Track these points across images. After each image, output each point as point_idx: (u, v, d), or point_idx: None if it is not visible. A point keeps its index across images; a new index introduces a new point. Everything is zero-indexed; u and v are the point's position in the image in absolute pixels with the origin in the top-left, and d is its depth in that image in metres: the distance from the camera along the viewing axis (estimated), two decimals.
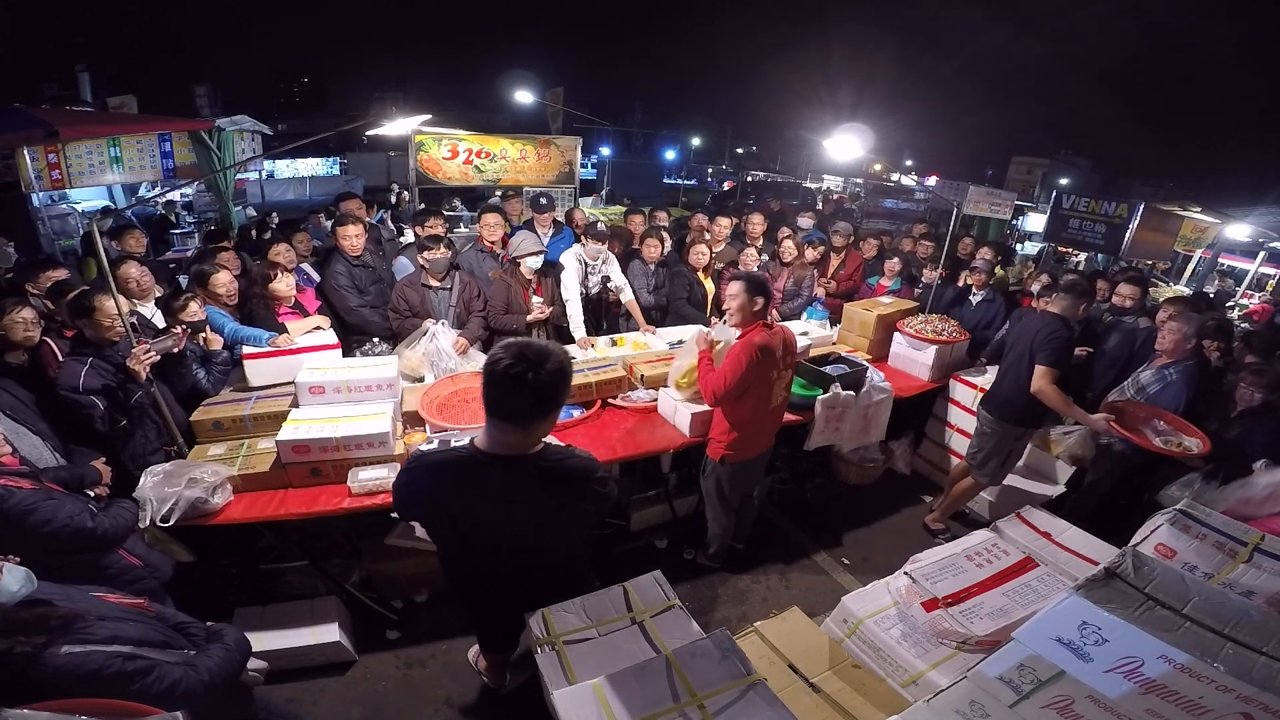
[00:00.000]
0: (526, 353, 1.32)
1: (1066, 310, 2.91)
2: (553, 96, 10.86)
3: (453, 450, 1.54)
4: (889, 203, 11.57)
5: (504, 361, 1.31)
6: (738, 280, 2.53)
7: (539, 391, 1.33)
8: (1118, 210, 6.63)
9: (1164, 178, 33.92)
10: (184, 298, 2.83)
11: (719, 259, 4.49)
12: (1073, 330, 2.95)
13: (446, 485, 1.49)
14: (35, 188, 4.87)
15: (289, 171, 17.22)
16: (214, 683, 1.33)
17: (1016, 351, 3.00)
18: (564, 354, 1.41)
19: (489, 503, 1.49)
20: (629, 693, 1.54)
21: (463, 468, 1.47)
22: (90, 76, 16.69)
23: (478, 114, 32.10)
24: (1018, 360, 2.96)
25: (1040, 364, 2.83)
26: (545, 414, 1.41)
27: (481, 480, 1.46)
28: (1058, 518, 2.45)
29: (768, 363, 2.49)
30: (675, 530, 3.32)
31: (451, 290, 3.52)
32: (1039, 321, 2.95)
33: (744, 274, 2.61)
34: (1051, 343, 2.82)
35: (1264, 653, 1.21)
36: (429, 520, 1.66)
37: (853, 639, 2.01)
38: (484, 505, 1.50)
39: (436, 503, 1.54)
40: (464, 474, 1.47)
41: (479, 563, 1.71)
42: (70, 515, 1.73)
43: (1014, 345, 3.05)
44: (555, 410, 1.44)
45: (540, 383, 1.32)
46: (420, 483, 1.51)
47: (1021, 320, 3.31)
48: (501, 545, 1.62)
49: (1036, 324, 2.95)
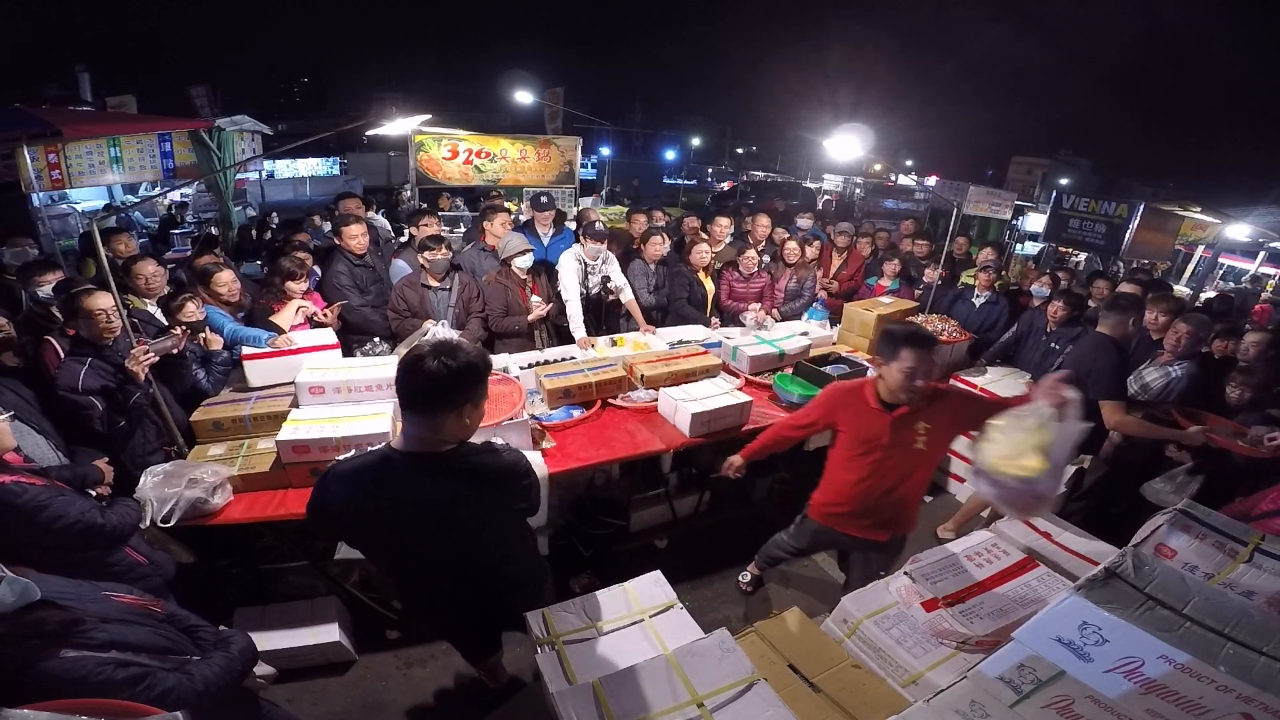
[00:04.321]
0: (441, 347, 1.38)
1: (1115, 329, 2.77)
2: (552, 96, 10.87)
3: (365, 454, 1.52)
4: (889, 203, 11.58)
5: (415, 353, 1.38)
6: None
7: (434, 379, 1.34)
8: (1118, 210, 6.65)
9: (1164, 178, 33.97)
10: (182, 298, 2.83)
11: (719, 259, 4.49)
12: (1125, 349, 2.80)
13: (363, 487, 1.46)
14: (35, 188, 4.86)
15: (289, 171, 17.21)
16: (209, 692, 1.32)
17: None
18: (481, 357, 1.43)
19: (410, 500, 1.47)
20: (629, 693, 1.54)
21: (377, 469, 1.46)
22: (90, 76, 16.69)
23: (478, 114, 32.16)
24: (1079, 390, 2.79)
25: (1103, 400, 2.65)
26: (447, 406, 1.40)
27: (398, 478, 1.45)
28: (1058, 518, 2.45)
29: None
30: (676, 532, 3.32)
31: (451, 290, 3.52)
32: (1086, 348, 2.80)
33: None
34: (1103, 375, 2.65)
35: (1264, 653, 1.21)
36: (353, 532, 1.61)
37: (853, 639, 2.01)
38: (405, 504, 1.48)
39: (357, 510, 1.49)
40: (379, 474, 1.46)
41: (421, 570, 1.69)
42: (81, 512, 1.73)
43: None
44: (460, 407, 1.42)
45: (436, 371, 1.34)
46: (333, 493, 1.47)
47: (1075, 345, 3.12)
48: (436, 547, 1.59)
49: (1082, 351, 2.80)
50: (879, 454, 2.13)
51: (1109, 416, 2.65)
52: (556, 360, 3.35)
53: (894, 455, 2.11)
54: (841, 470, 2.26)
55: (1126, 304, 2.84)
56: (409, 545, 1.59)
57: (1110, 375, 2.66)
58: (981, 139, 53.94)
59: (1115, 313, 2.79)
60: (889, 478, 2.15)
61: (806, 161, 29.10)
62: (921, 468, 2.17)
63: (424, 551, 1.61)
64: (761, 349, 3.49)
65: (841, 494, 2.28)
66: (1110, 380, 2.66)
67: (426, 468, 1.45)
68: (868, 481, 2.18)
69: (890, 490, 2.17)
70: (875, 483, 2.18)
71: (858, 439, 2.17)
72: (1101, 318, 2.88)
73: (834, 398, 2.25)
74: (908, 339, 1.99)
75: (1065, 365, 2.93)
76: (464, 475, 1.48)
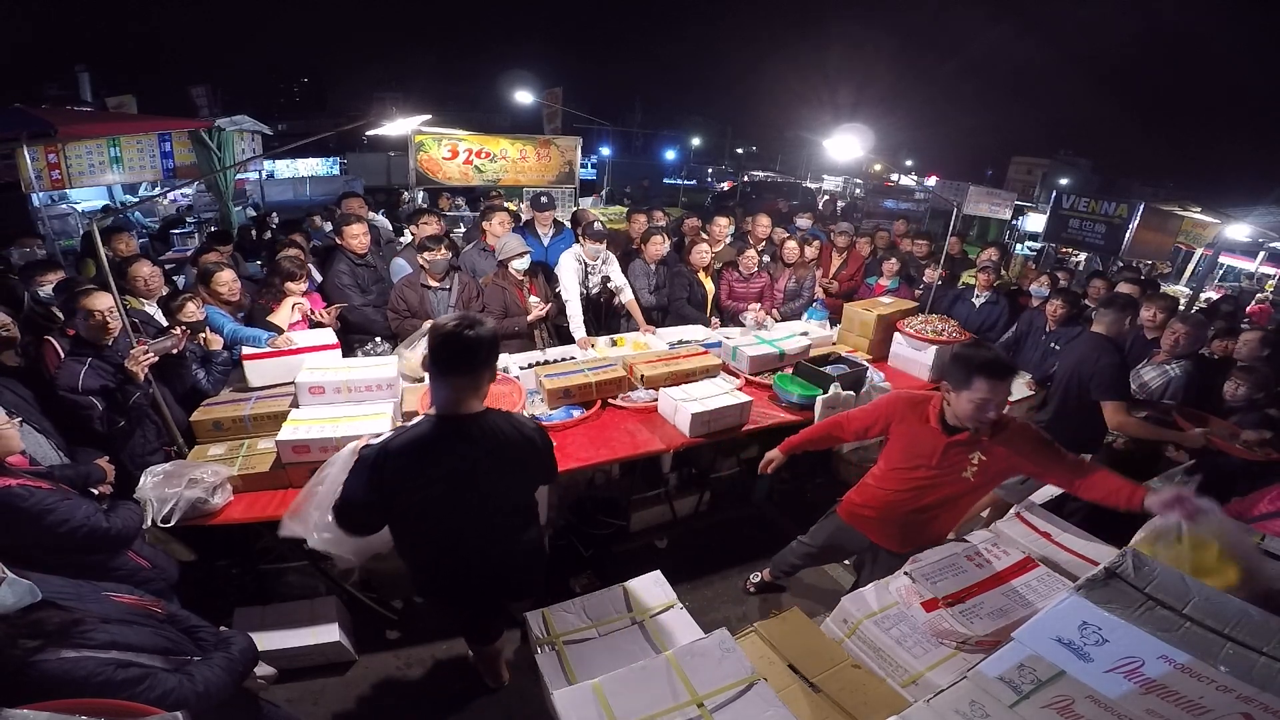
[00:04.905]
0: (464, 319, 1.56)
1: (1111, 328, 2.75)
2: (551, 96, 10.86)
3: (406, 428, 1.63)
4: (889, 203, 11.58)
5: (450, 323, 1.55)
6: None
7: (478, 341, 1.54)
8: (1118, 210, 6.65)
9: (1164, 178, 33.91)
10: (182, 298, 2.83)
11: (719, 258, 4.49)
12: (1122, 348, 2.77)
13: (418, 459, 1.58)
14: (35, 188, 4.87)
15: (289, 171, 17.21)
16: (209, 693, 1.32)
17: (1069, 382, 2.80)
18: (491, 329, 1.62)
19: (458, 464, 1.61)
20: (629, 693, 1.54)
21: (428, 439, 1.59)
22: (90, 76, 16.70)
23: (478, 114, 32.15)
24: (1077, 390, 2.76)
25: (1105, 400, 2.63)
26: (488, 365, 1.60)
27: (450, 443, 1.60)
28: (1058, 518, 2.45)
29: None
30: (676, 532, 3.32)
31: (451, 290, 3.52)
32: (1086, 348, 2.78)
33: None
34: (1104, 374, 2.63)
35: (1264, 653, 1.21)
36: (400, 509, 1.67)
37: (853, 639, 2.01)
38: (453, 469, 1.61)
39: (408, 486, 1.60)
40: (431, 444, 1.59)
41: (446, 537, 1.76)
42: (86, 516, 1.73)
43: (1065, 376, 2.85)
44: (492, 368, 1.63)
45: (476, 336, 1.54)
46: (391, 468, 1.57)
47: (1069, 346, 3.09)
48: (469, 508, 1.70)
49: (1083, 352, 2.77)
50: (924, 473, 2.04)
51: (1111, 417, 2.63)
52: (556, 360, 3.35)
53: (940, 478, 2.02)
54: (883, 478, 2.20)
55: (1123, 303, 2.83)
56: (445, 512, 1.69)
57: (1113, 375, 2.64)
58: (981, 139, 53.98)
59: (1112, 311, 2.77)
60: (926, 498, 2.08)
61: (806, 161, 29.11)
62: (966, 498, 2.09)
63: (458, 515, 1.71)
64: (761, 349, 3.48)
65: (875, 499, 2.23)
66: (1113, 380, 2.64)
67: (476, 424, 1.62)
68: (905, 495, 2.11)
69: (924, 510, 2.12)
70: (911, 499, 2.11)
71: (908, 453, 2.08)
72: (1097, 317, 2.88)
73: (897, 408, 2.15)
74: (983, 368, 1.79)
75: (1063, 365, 2.92)
76: (505, 427, 1.65)
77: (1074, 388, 2.75)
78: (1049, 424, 2.88)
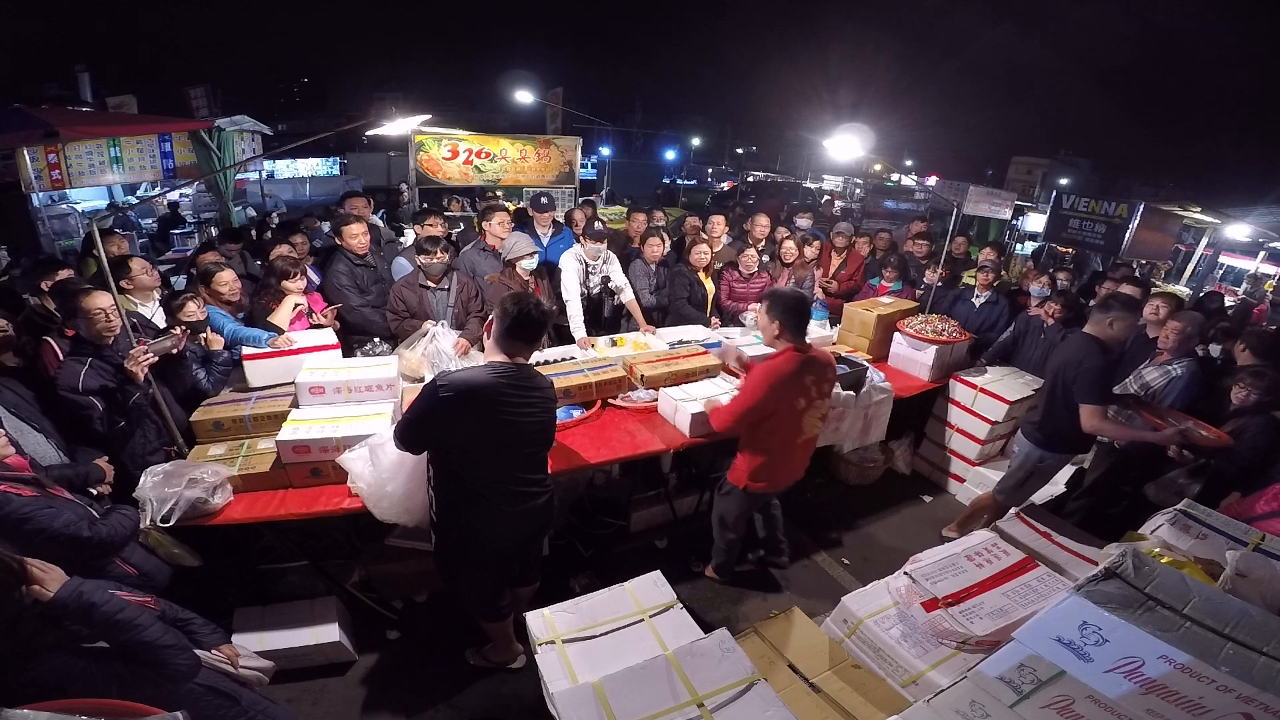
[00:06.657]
0: (526, 297, 1.97)
1: (1096, 328, 2.73)
2: (552, 96, 10.85)
3: (475, 370, 1.97)
4: (889, 203, 11.58)
5: (528, 304, 1.94)
6: (762, 299, 2.44)
7: (546, 316, 2.01)
8: (1118, 210, 6.65)
9: (1164, 178, 33.79)
10: (182, 297, 2.83)
11: (719, 258, 4.49)
12: (1110, 351, 2.75)
13: (489, 391, 1.90)
14: (35, 188, 4.87)
15: (289, 171, 17.18)
16: None
17: (1054, 383, 2.80)
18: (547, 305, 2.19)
19: (517, 396, 1.95)
20: (629, 692, 1.54)
21: (496, 379, 1.92)
22: (90, 76, 16.68)
23: (478, 114, 32.14)
24: (1062, 391, 2.75)
25: (1082, 403, 2.63)
26: (545, 331, 2.09)
27: (513, 381, 1.95)
28: (1057, 518, 2.45)
29: (791, 390, 2.33)
30: (677, 532, 3.32)
31: (449, 291, 3.51)
32: (1071, 350, 2.76)
33: (769, 292, 2.47)
34: (1083, 377, 2.62)
35: (1264, 653, 1.21)
36: (466, 435, 1.93)
37: (853, 639, 2.01)
38: (515, 400, 1.95)
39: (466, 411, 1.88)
40: (498, 382, 1.92)
41: (487, 470, 2.00)
42: (66, 524, 1.72)
43: (1051, 376, 2.85)
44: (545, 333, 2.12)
45: (545, 311, 2.01)
46: (461, 398, 1.85)
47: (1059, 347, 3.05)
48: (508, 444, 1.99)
49: (1068, 353, 2.76)
50: None
51: (1087, 421, 2.64)
52: (556, 360, 3.35)
53: None
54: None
55: (1113, 305, 2.76)
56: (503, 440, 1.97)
57: (1092, 379, 2.63)
58: (981, 139, 53.77)
59: (1097, 312, 2.75)
60: None
61: (806, 162, 29.07)
62: None
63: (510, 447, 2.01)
64: (761, 349, 3.48)
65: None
66: (1092, 383, 2.63)
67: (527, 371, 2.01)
68: None
69: None
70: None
71: None
72: (1091, 319, 2.84)
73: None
74: None
75: (1050, 366, 2.92)
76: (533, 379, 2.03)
77: (1059, 388, 2.76)
78: (1040, 423, 2.91)
